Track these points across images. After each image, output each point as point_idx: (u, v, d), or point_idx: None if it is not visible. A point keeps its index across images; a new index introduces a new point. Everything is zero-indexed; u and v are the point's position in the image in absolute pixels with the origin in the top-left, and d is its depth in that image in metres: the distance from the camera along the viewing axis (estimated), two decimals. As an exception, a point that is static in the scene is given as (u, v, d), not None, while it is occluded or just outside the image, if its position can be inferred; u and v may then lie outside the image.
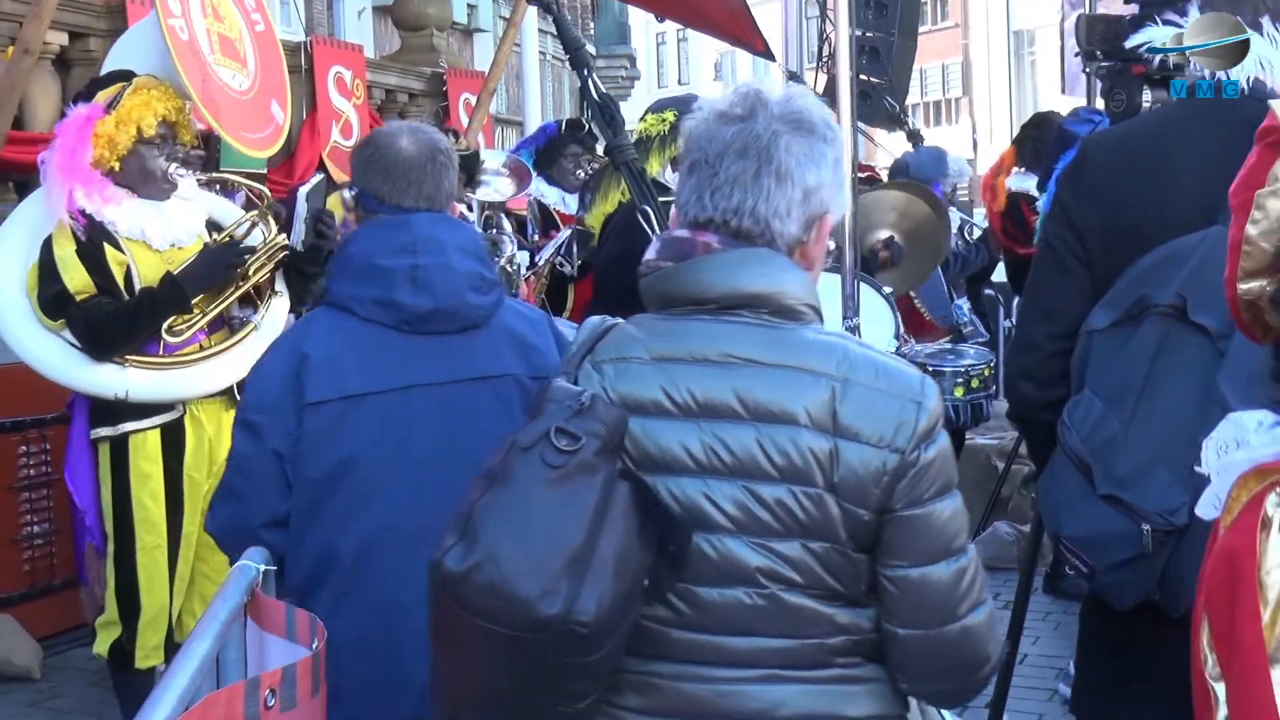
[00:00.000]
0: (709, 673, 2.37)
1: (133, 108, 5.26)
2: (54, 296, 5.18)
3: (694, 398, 2.37)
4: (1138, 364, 2.86)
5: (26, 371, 6.28)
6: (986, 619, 2.44)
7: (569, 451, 2.24)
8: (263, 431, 3.25)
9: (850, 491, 2.33)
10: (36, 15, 6.78)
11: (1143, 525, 2.78)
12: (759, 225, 2.43)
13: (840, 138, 2.54)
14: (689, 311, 2.43)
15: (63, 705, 6.57)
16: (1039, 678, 6.30)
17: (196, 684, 2.32)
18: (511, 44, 11.92)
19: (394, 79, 11.13)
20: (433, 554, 2.26)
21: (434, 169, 3.43)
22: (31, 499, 7.28)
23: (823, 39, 14.76)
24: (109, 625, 5.38)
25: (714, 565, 2.35)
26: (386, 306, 3.28)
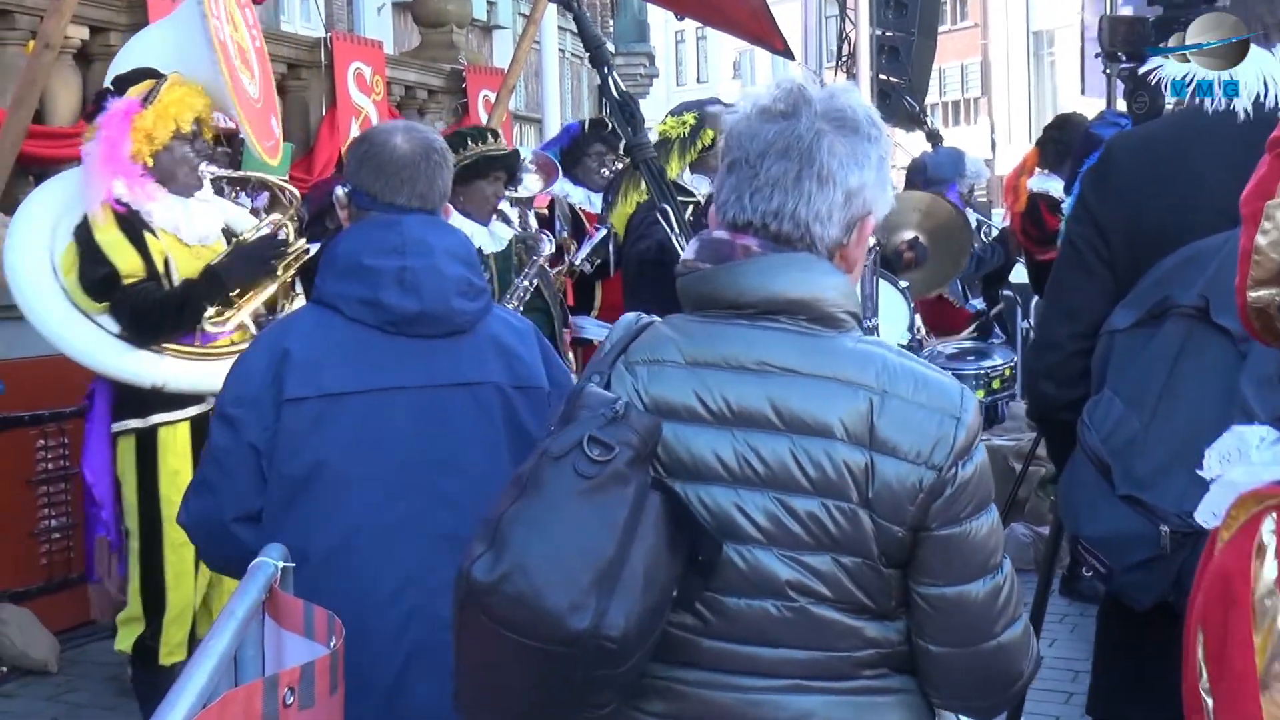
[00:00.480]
0: (736, 681, 2.34)
1: (170, 103, 5.31)
2: (102, 278, 5.20)
3: (728, 405, 2.33)
4: (1159, 364, 2.85)
5: (45, 365, 6.29)
6: (1022, 634, 2.42)
7: (602, 461, 2.20)
8: (240, 425, 3.21)
9: (885, 507, 2.28)
10: (57, 9, 6.79)
11: (1161, 526, 2.77)
12: (799, 229, 2.37)
13: (885, 135, 2.48)
14: (726, 315, 2.38)
15: (79, 699, 6.58)
16: (1056, 680, 6.28)
17: (215, 681, 2.31)
18: (531, 41, 11.93)
19: (413, 75, 11.14)
20: (461, 562, 2.24)
21: (428, 168, 3.39)
22: (49, 493, 7.30)
23: (842, 38, 14.73)
24: (132, 621, 5.39)
25: (742, 576, 2.31)
26: (372, 307, 3.24)
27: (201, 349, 5.30)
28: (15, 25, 7.46)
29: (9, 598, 7.01)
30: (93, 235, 5.20)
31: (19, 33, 7.47)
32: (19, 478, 7.15)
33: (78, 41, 7.68)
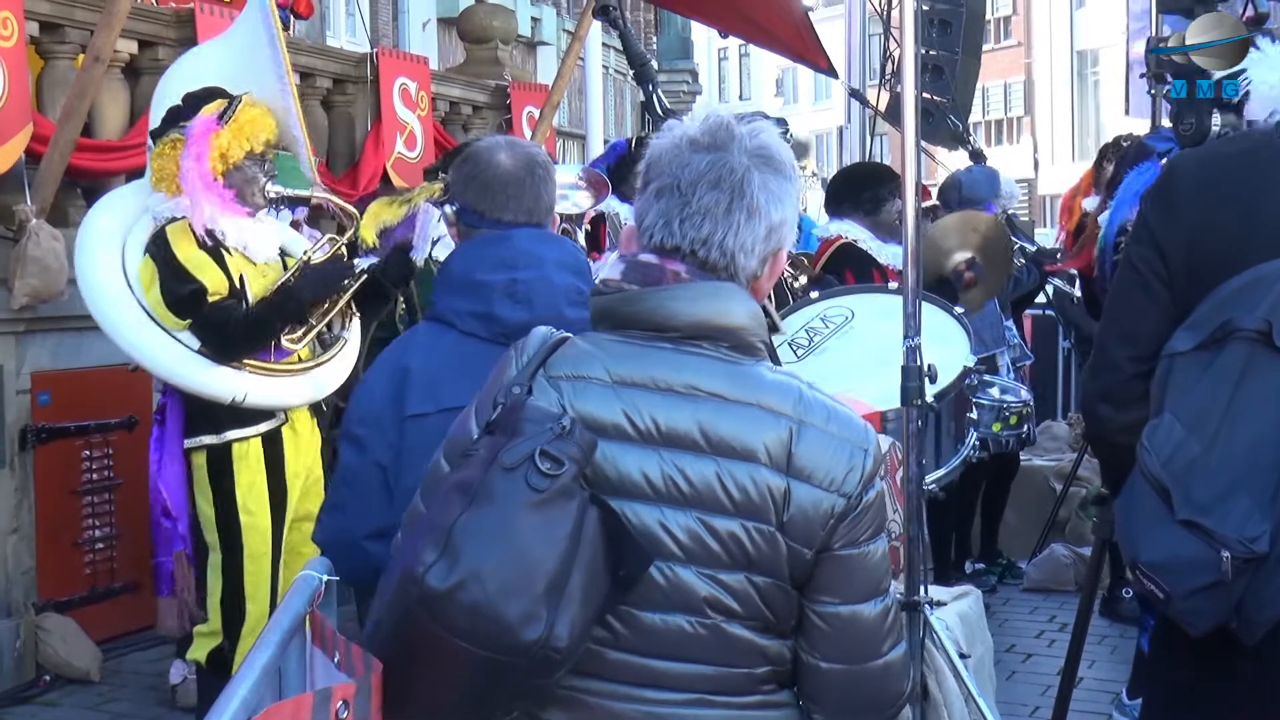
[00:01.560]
0: (640, 693, 2.40)
1: (246, 123, 5.37)
2: (187, 295, 5.26)
3: (657, 426, 2.38)
4: (1221, 388, 2.84)
5: (90, 376, 6.33)
6: (903, 655, 2.51)
7: (553, 475, 2.23)
8: (366, 444, 3.26)
9: (798, 530, 2.37)
10: (107, 24, 6.84)
11: (1223, 552, 2.75)
12: (725, 257, 2.45)
13: (799, 175, 2.57)
14: (649, 337, 2.43)
15: (120, 708, 6.62)
16: (1094, 701, 6.25)
17: (259, 694, 2.32)
18: (575, 57, 11.94)
19: (458, 91, 11.17)
20: (411, 567, 2.24)
21: (533, 182, 3.42)
22: (94, 503, 7.35)
23: (886, 57, 14.73)
24: (210, 634, 5.44)
25: (662, 591, 2.36)
26: (484, 320, 3.28)
27: (276, 365, 5.38)
28: (65, 39, 7.51)
29: (53, 607, 7.05)
30: (173, 253, 5.26)
31: (69, 46, 7.53)
32: (65, 488, 7.19)
33: (126, 56, 7.72)
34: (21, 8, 6.92)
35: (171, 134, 5.41)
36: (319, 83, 9.61)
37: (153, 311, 5.30)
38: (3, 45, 6.73)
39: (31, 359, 7.05)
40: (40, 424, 7.04)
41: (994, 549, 8.78)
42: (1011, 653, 7.12)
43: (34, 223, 6.68)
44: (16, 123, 6.80)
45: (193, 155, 5.28)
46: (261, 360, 5.37)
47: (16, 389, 6.94)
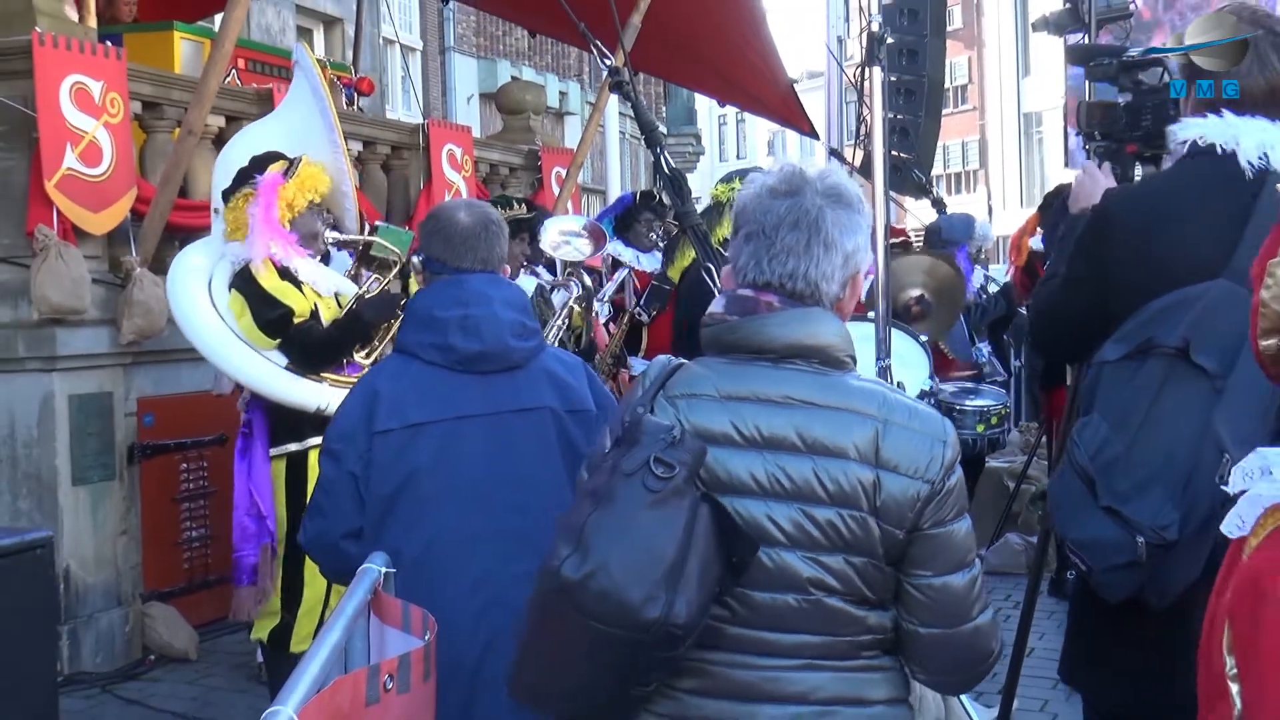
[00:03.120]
0: (756, 661, 2.40)
1: (307, 178, 5.45)
2: (277, 318, 5.34)
3: (760, 432, 2.39)
4: (1143, 395, 2.84)
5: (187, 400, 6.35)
6: (991, 619, 2.50)
7: (666, 479, 2.26)
8: (341, 457, 3.31)
9: (890, 515, 2.37)
10: (199, 102, 6.88)
11: (1138, 538, 2.75)
12: (810, 286, 2.45)
13: (867, 206, 2.57)
14: (751, 358, 2.45)
15: (214, 683, 6.61)
16: (1042, 667, 6.20)
17: (328, 669, 2.32)
18: (596, 125, 11.97)
19: (497, 155, 11.19)
20: (549, 562, 2.27)
21: (487, 237, 3.49)
22: (191, 509, 7.37)
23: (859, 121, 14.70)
24: (271, 614, 5.47)
25: (769, 574, 2.37)
26: (442, 350, 3.34)
27: (350, 378, 5.41)
28: (164, 116, 7.54)
29: (156, 597, 7.06)
30: (259, 284, 5.32)
31: (166, 122, 7.56)
32: (166, 496, 7.21)
33: (215, 129, 7.75)
34: (127, 90, 6.95)
35: (244, 190, 5.46)
36: (379, 149, 9.63)
37: (245, 336, 5.35)
38: (111, 121, 6.76)
39: (137, 386, 7.06)
40: (145, 442, 7.06)
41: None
42: (973, 627, 7.07)
43: (138, 271, 6.70)
44: (123, 187, 6.83)
45: (261, 204, 5.36)
46: (338, 374, 5.41)
47: (125, 412, 6.95)
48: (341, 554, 3.27)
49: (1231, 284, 2.78)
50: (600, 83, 13.97)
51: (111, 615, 6.79)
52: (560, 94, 23.91)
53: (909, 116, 13.24)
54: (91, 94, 6.65)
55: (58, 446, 6.58)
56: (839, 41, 22.90)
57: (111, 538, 6.82)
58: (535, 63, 23.76)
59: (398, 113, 17.97)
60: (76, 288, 6.42)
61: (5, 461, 6.64)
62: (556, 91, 23.29)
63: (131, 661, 6.81)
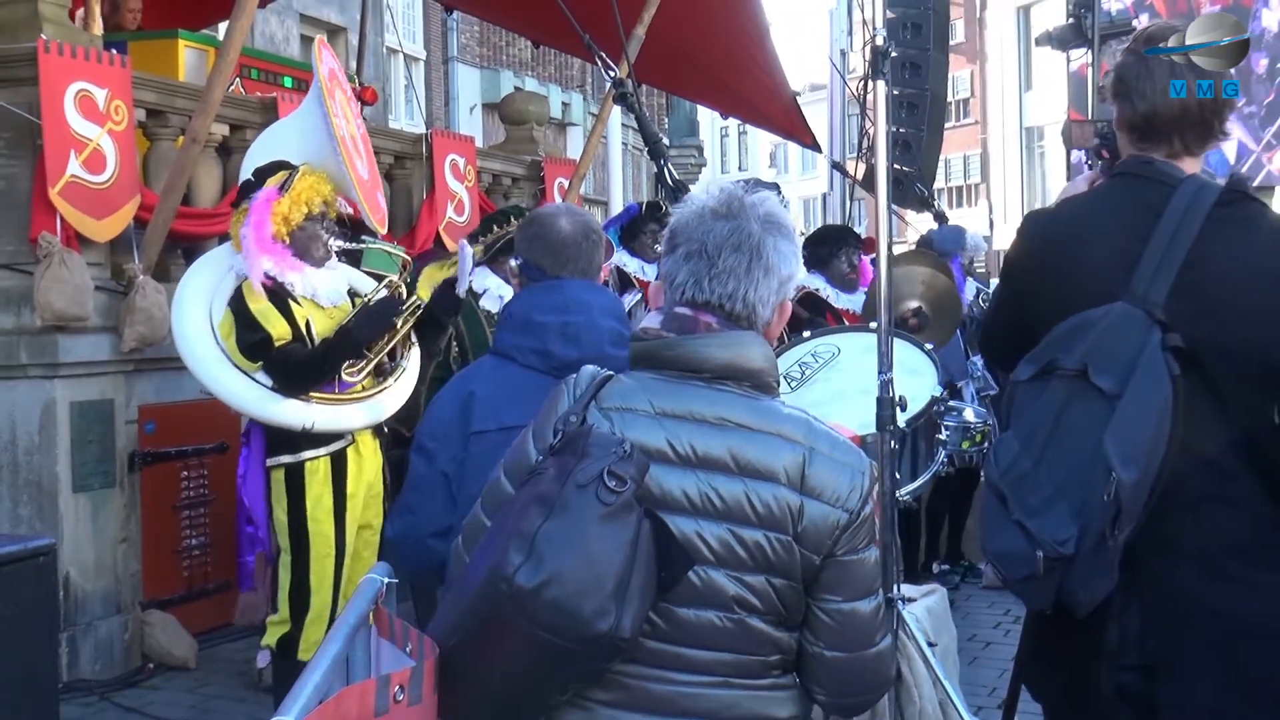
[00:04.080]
0: (672, 676, 2.43)
1: (302, 190, 5.46)
2: (257, 343, 5.32)
3: (694, 451, 2.42)
4: (1047, 414, 2.90)
5: (187, 408, 6.36)
6: (892, 646, 2.57)
7: (618, 492, 2.27)
8: (434, 456, 3.32)
9: (809, 540, 2.42)
10: (203, 110, 6.88)
11: (1037, 552, 2.80)
12: (747, 309, 2.50)
13: (798, 237, 2.63)
14: (685, 377, 2.48)
15: (213, 691, 6.61)
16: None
17: (329, 680, 2.32)
18: (599, 136, 11.97)
19: (499, 165, 11.20)
20: (500, 568, 2.27)
21: (588, 246, 3.51)
22: (191, 516, 7.36)
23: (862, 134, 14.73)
24: (279, 623, 5.48)
25: (696, 590, 2.40)
26: (541, 355, 3.35)
27: (339, 395, 5.42)
28: (167, 123, 7.55)
29: (156, 605, 7.05)
30: (247, 306, 5.32)
31: (170, 129, 7.57)
32: (166, 503, 7.21)
33: (219, 137, 7.76)
34: (131, 98, 6.96)
35: (245, 204, 5.49)
36: (382, 159, 9.64)
37: (231, 357, 5.35)
38: (114, 129, 6.77)
39: (139, 394, 7.07)
40: (146, 449, 7.06)
41: (957, 552, 8.75)
42: (973, 641, 7.07)
43: (141, 279, 6.71)
44: (126, 194, 6.84)
45: (251, 223, 5.38)
46: (327, 392, 5.40)
47: (126, 419, 6.96)
48: (429, 551, 3.27)
49: (1128, 306, 2.82)
50: (603, 94, 13.99)
51: (111, 623, 6.78)
52: (563, 105, 23.97)
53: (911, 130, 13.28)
54: (96, 101, 6.66)
55: (59, 453, 6.59)
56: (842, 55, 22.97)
57: (111, 545, 6.82)
58: (538, 73, 23.82)
59: (401, 122, 18.01)
60: (80, 295, 6.43)
61: (6, 468, 6.64)
62: (559, 102, 23.34)
63: (130, 669, 6.80)
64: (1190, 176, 2.98)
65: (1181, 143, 3.03)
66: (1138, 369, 2.74)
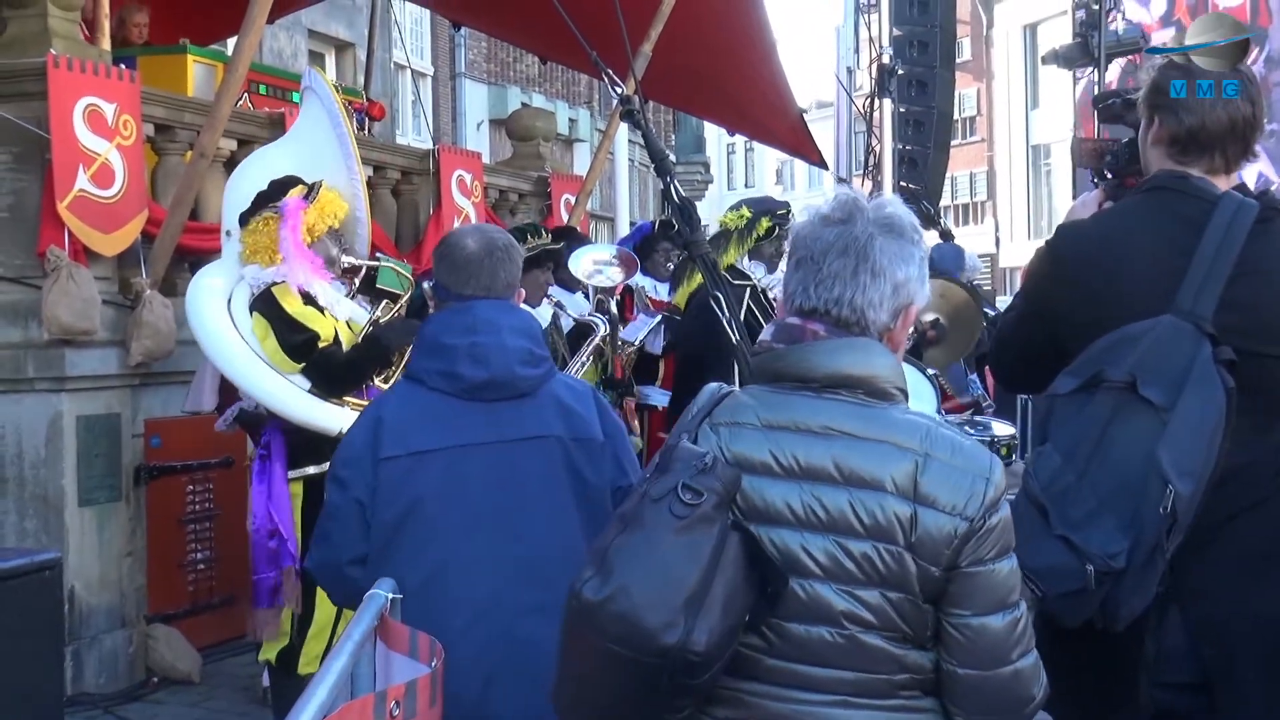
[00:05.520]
0: (792, 694, 2.37)
1: (327, 203, 5.47)
2: (302, 343, 5.34)
3: (798, 462, 2.37)
4: (1092, 427, 2.87)
5: (193, 422, 6.36)
6: (1034, 664, 2.43)
7: (693, 505, 2.25)
8: (348, 484, 3.29)
9: (925, 550, 2.32)
10: (211, 125, 6.91)
11: (1087, 566, 2.78)
12: (856, 314, 2.42)
13: (924, 239, 2.54)
14: (795, 387, 2.43)
15: (217, 706, 6.61)
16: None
17: (334, 695, 2.32)
18: (606, 153, 12.00)
19: (506, 181, 11.22)
20: (573, 584, 2.27)
21: (490, 263, 3.45)
22: (196, 530, 7.36)
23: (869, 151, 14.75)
24: (279, 636, 5.45)
25: (803, 605, 2.34)
26: (449, 377, 3.32)
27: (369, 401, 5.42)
28: (176, 138, 7.58)
29: (160, 618, 7.05)
30: (283, 308, 5.31)
31: (179, 144, 7.59)
32: (171, 517, 7.21)
33: (227, 152, 7.78)
34: (139, 112, 6.98)
35: (264, 213, 5.47)
36: (389, 174, 9.67)
37: (269, 360, 5.35)
38: (123, 144, 6.79)
39: (145, 408, 7.08)
40: (152, 463, 7.07)
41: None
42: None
43: (148, 293, 6.72)
44: (134, 209, 6.86)
45: (289, 227, 5.36)
46: (358, 398, 5.42)
47: (132, 433, 6.97)
48: (347, 580, 3.27)
49: (1176, 319, 2.81)
50: (610, 110, 14.02)
51: (115, 636, 6.78)
52: (570, 121, 24.00)
53: (918, 147, 13.29)
54: (104, 116, 6.68)
55: (65, 467, 6.59)
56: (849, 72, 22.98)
57: (117, 559, 6.82)
58: (545, 89, 23.86)
59: (408, 138, 18.05)
60: (87, 309, 6.44)
61: (13, 481, 6.65)
62: (566, 118, 23.37)
63: (134, 683, 6.80)
64: (1228, 193, 2.97)
65: (1222, 158, 3.03)
66: (1189, 382, 2.72)
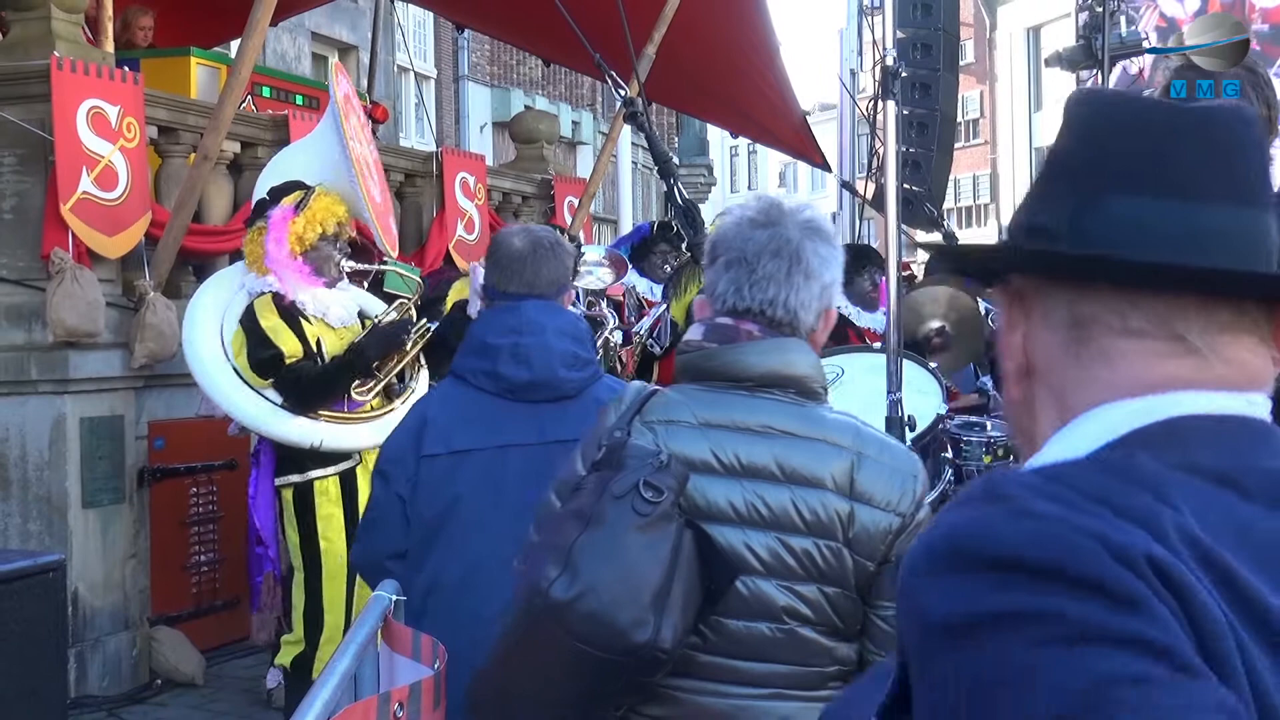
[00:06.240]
0: (725, 689, 2.41)
1: (318, 210, 5.48)
2: (268, 359, 5.33)
3: (739, 460, 2.41)
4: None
5: (197, 425, 6.37)
6: None
7: (655, 503, 2.26)
8: (390, 479, 3.34)
9: (862, 546, 2.40)
10: (215, 128, 6.91)
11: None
12: (789, 315, 2.48)
13: (839, 242, 2.61)
14: (727, 386, 2.47)
15: (221, 708, 6.60)
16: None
17: (338, 697, 2.32)
18: (609, 155, 12.00)
19: (509, 183, 11.22)
20: (537, 582, 2.26)
21: (534, 260, 3.50)
22: (200, 533, 7.36)
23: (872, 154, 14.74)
24: (295, 642, 5.49)
25: (745, 602, 2.38)
26: (492, 377, 3.35)
27: (349, 414, 5.41)
28: (179, 141, 7.58)
29: (163, 621, 7.05)
30: (258, 322, 5.33)
31: (182, 147, 7.59)
32: (175, 520, 7.21)
33: (230, 154, 7.78)
34: (143, 115, 6.99)
35: (258, 223, 5.51)
36: (393, 177, 9.65)
37: (242, 373, 5.37)
38: (126, 146, 6.79)
39: (148, 410, 7.08)
40: (155, 465, 7.07)
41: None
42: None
43: (151, 295, 6.72)
44: (137, 211, 6.86)
45: (273, 239, 5.38)
46: (336, 410, 5.40)
47: (136, 435, 6.97)
48: (386, 573, 3.30)
49: None
50: (613, 113, 14.02)
51: (119, 639, 6.78)
52: (573, 123, 23.99)
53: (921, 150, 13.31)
54: (108, 118, 6.69)
55: (68, 469, 6.59)
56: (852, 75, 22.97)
57: (120, 561, 6.82)
58: (549, 92, 23.85)
59: (411, 140, 18.04)
60: (91, 311, 6.44)
61: (16, 483, 6.65)
62: (569, 121, 23.37)
63: (138, 685, 6.79)
64: None
65: None
66: None
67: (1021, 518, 1.02)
